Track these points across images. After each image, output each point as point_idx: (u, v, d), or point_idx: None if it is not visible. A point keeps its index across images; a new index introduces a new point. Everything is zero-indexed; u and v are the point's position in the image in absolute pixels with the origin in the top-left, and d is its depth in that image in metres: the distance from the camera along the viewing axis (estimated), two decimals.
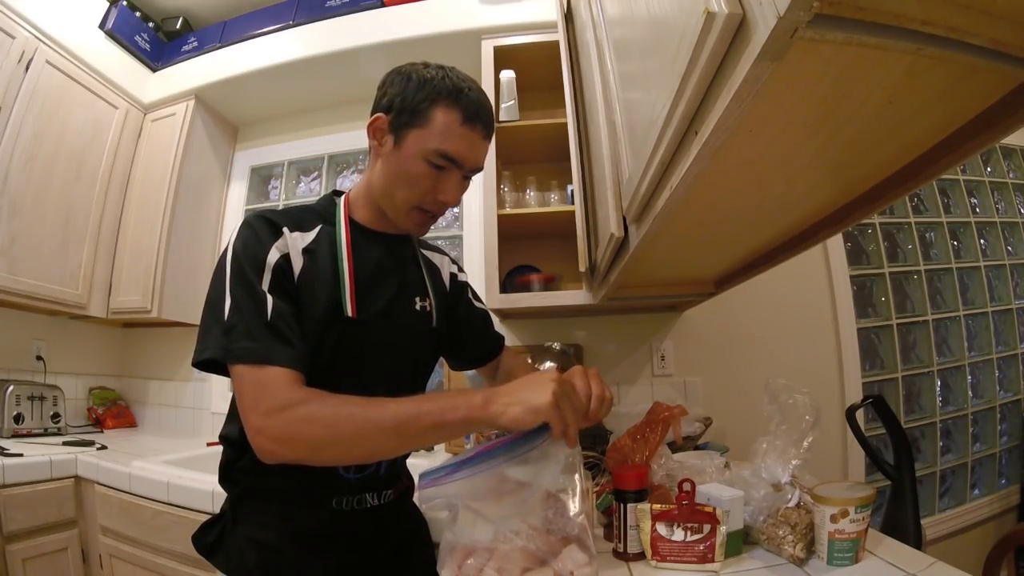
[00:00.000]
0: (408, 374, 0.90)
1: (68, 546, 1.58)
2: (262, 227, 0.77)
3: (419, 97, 0.77)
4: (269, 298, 0.71)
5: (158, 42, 2.34)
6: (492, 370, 1.10)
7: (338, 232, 0.84)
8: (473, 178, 0.86)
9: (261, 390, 0.67)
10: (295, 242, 0.79)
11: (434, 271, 1.00)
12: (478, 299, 1.10)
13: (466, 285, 1.07)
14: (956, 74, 0.44)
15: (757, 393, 0.89)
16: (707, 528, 0.74)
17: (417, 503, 0.78)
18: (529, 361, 1.63)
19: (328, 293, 0.78)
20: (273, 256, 0.75)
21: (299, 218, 0.82)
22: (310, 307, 0.76)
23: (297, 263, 0.77)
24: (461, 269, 1.09)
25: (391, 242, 0.89)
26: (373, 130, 0.82)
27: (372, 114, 0.82)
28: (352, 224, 0.86)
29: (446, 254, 1.07)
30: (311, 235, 0.81)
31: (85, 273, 2.03)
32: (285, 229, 0.78)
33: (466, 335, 1.05)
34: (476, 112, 0.79)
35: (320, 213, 0.86)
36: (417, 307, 0.90)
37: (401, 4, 1.96)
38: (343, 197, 0.90)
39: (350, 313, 0.79)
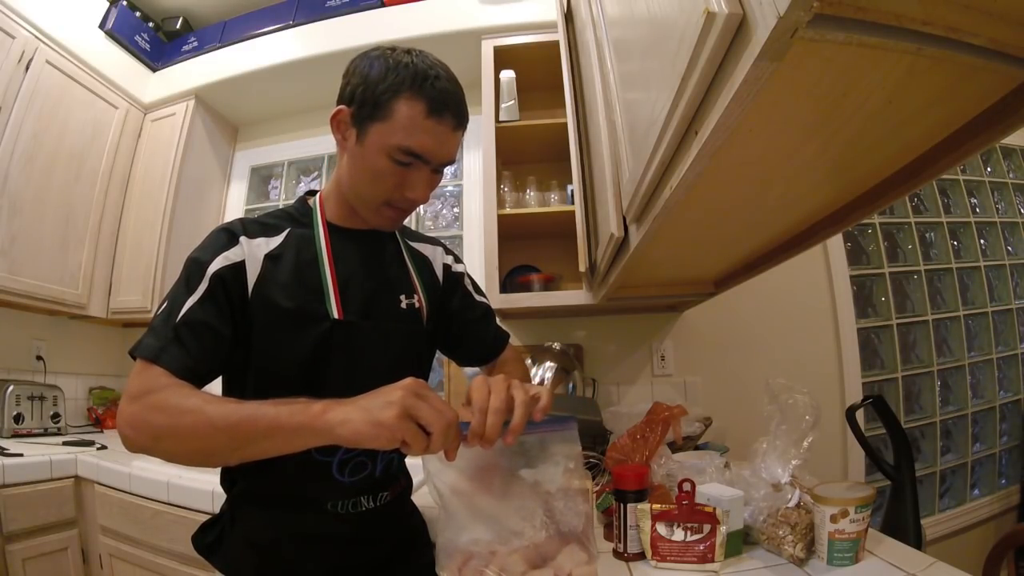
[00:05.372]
0: (402, 376, 0.87)
1: (68, 546, 1.58)
2: (217, 237, 0.76)
3: (381, 88, 0.72)
4: (188, 304, 0.70)
5: (158, 42, 2.34)
6: (491, 372, 1.03)
7: (316, 233, 0.82)
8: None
9: (137, 381, 0.66)
10: (255, 249, 0.76)
11: (424, 264, 0.94)
12: (480, 292, 1.03)
13: (462, 276, 1.00)
14: (956, 74, 0.44)
15: (757, 393, 0.89)
16: (707, 528, 0.74)
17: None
18: (528, 363, 1.63)
19: (299, 295, 0.76)
20: (217, 265, 0.73)
21: (265, 224, 0.81)
22: (272, 310, 0.75)
23: (254, 270, 0.75)
24: (458, 259, 1.02)
25: (367, 239, 0.86)
26: (336, 123, 0.78)
27: (336, 105, 0.78)
28: (326, 224, 0.84)
29: (440, 244, 1.01)
30: (277, 240, 0.79)
31: (85, 273, 2.03)
32: (243, 238, 0.76)
33: (460, 331, 0.98)
34: (443, 102, 0.72)
35: (292, 216, 0.84)
36: (403, 305, 0.86)
37: (401, 4, 1.96)
38: (317, 196, 0.87)
39: (336, 315, 0.77)
